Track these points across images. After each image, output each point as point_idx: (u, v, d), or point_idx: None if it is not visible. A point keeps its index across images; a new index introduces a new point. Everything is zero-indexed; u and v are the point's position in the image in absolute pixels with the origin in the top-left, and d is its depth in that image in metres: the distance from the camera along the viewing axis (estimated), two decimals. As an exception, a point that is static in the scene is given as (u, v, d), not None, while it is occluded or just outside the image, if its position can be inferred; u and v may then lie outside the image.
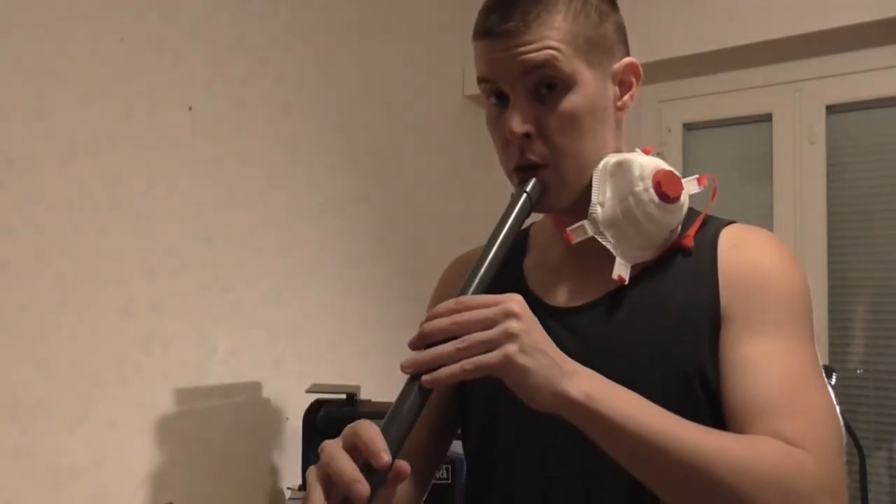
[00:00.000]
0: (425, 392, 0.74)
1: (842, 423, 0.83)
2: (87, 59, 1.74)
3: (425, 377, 0.73)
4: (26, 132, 1.63)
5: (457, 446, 1.08)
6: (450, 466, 1.84)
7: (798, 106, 2.39)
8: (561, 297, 0.97)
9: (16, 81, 1.62)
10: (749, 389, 0.82)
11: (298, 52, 2.24)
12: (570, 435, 0.80)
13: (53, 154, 1.68)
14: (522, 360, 0.72)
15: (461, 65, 2.77)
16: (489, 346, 0.72)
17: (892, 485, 2.25)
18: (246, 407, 2.07)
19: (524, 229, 1.07)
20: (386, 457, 0.68)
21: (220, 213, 2.01)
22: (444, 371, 0.72)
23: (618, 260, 0.91)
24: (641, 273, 0.93)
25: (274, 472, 2.13)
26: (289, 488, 2.05)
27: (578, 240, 0.92)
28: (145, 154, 1.85)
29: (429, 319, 0.76)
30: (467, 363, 0.72)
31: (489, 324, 0.73)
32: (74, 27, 1.72)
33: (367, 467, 0.69)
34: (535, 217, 1.07)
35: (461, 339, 0.73)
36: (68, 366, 1.68)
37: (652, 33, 2.39)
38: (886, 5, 2.10)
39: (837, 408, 0.84)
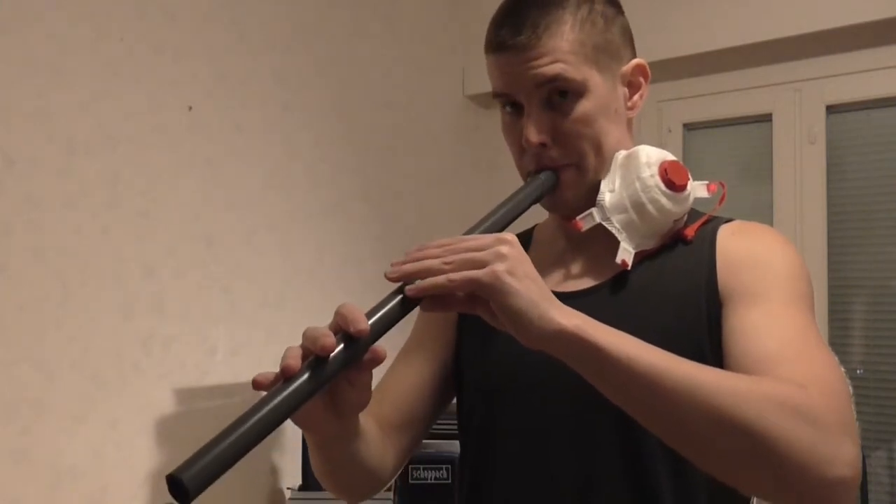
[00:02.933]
0: (408, 302, 0.73)
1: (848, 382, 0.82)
2: (87, 59, 1.74)
3: (409, 287, 0.73)
4: (26, 132, 1.63)
5: (454, 446, 1.08)
6: (449, 466, 1.84)
7: (798, 106, 2.39)
8: (563, 285, 0.98)
9: (16, 81, 1.62)
10: (751, 346, 0.82)
11: (298, 52, 2.24)
12: (571, 418, 0.80)
13: (53, 154, 1.68)
14: (510, 280, 0.70)
15: (461, 65, 2.76)
16: (478, 264, 0.71)
17: (892, 485, 2.25)
18: (246, 407, 2.07)
19: (528, 229, 1.08)
20: (363, 324, 0.70)
21: (220, 213, 2.01)
22: (429, 280, 0.72)
23: (622, 245, 0.93)
24: (643, 260, 0.95)
25: (274, 472, 2.13)
26: (289, 488, 2.05)
27: (587, 227, 0.95)
28: (145, 154, 1.85)
29: (420, 249, 0.76)
30: (454, 274, 0.71)
31: (480, 248, 0.72)
32: (75, 27, 1.72)
33: (345, 338, 0.70)
34: (539, 218, 1.08)
35: (452, 256, 0.72)
36: (68, 366, 1.68)
37: (652, 33, 2.38)
38: (886, 5, 2.10)
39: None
